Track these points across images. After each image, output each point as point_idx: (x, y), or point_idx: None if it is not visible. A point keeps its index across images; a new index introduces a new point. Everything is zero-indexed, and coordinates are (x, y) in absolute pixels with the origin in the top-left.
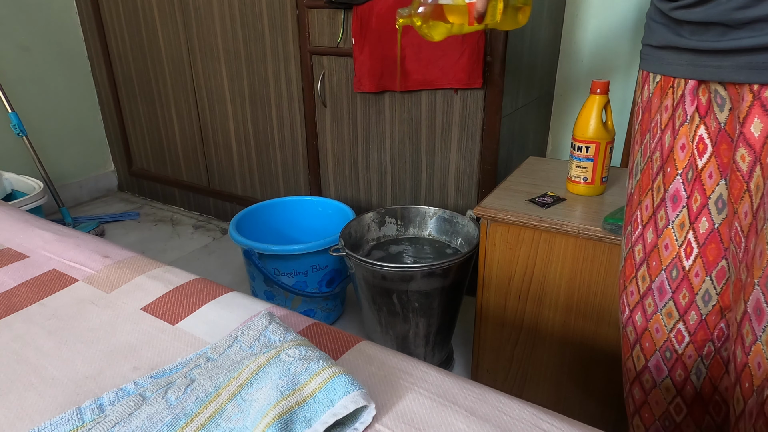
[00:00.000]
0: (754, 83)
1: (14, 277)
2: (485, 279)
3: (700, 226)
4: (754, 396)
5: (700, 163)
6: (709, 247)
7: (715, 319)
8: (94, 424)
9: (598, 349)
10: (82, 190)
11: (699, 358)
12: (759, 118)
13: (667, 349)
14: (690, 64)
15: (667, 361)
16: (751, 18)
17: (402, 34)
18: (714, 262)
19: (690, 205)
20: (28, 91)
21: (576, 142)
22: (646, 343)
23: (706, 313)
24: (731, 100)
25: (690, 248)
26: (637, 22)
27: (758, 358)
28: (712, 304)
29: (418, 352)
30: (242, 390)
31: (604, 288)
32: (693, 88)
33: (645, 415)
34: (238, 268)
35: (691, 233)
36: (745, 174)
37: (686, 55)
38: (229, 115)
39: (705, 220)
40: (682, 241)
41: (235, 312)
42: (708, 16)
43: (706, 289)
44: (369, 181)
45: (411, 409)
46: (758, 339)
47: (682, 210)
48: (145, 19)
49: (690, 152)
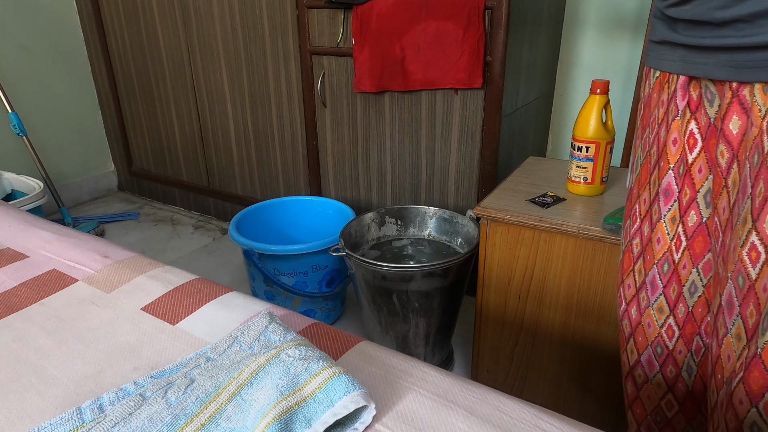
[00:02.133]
0: (734, 81)
1: (14, 277)
2: (485, 279)
3: (688, 219)
4: (724, 387)
5: (690, 158)
6: (697, 240)
7: (701, 312)
8: (94, 424)
9: (598, 349)
10: (82, 190)
11: (689, 354)
12: (737, 116)
13: (659, 344)
14: (681, 59)
15: (658, 356)
16: (730, 18)
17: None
18: (701, 254)
19: (681, 199)
20: (28, 91)
21: (576, 142)
22: (639, 338)
23: (692, 305)
24: (719, 96)
25: (679, 241)
26: (637, 22)
27: (728, 351)
28: (697, 295)
29: (418, 352)
30: (242, 390)
31: (604, 288)
32: (684, 84)
33: (637, 410)
34: (238, 268)
35: (681, 227)
36: (724, 170)
37: (679, 50)
38: (229, 115)
39: (693, 214)
40: (673, 235)
41: (235, 312)
42: (695, 14)
43: (692, 280)
44: (369, 181)
45: (411, 409)
46: (728, 332)
47: (674, 204)
48: (145, 19)
49: (681, 147)
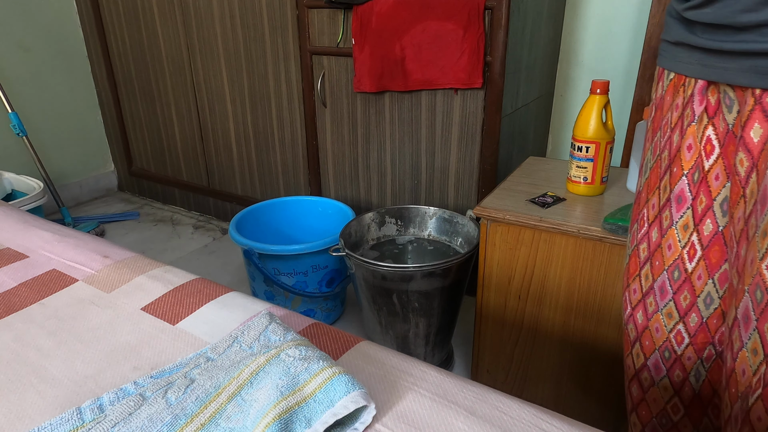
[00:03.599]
0: (757, 87)
1: (14, 277)
2: (485, 279)
3: (704, 228)
4: (738, 402)
5: (707, 165)
6: (713, 250)
7: (716, 323)
8: (94, 424)
9: (598, 349)
10: (82, 190)
11: (699, 361)
12: (759, 124)
13: (666, 348)
14: (699, 63)
15: (665, 360)
16: (756, 22)
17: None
18: (717, 264)
19: (695, 206)
20: (28, 91)
21: (576, 142)
22: (645, 342)
23: (707, 316)
24: (738, 102)
25: (693, 250)
26: (637, 22)
27: (743, 365)
28: (713, 307)
29: (418, 352)
30: (242, 390)
31: (604, 288)
32: (702, 88)
33: (642, 413)
34: (238, 268)
35: (695, 235)
36: (743, 179)
37: (697, 53)
38: (229, 115)
39: (709, 222)
40: (685, 242)
41: (235, 312)
42: (716, 17)
43: (708, 291)
44: (369, 181)
45: (411, 409)
46: (744, 346)
47: (687, 211)
48: (145, 19)
49: (697, 153)
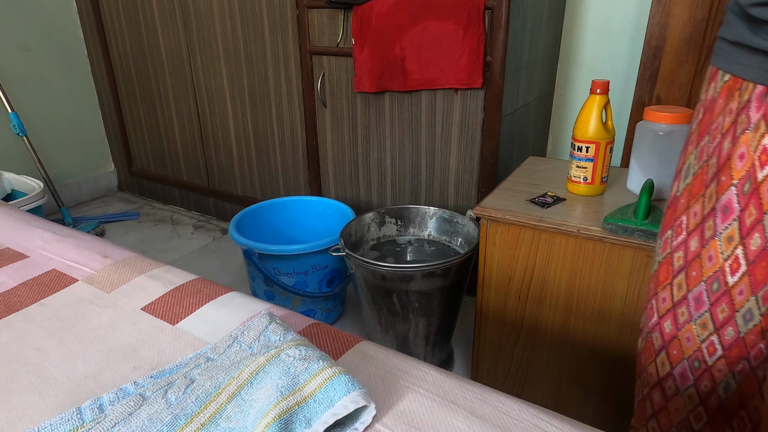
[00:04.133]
0: None
1: (14, 277)
2: (485, 279)
3: (751, 243)
4: None
5: (761, 176)
6: (759, 266)
7: (754, 339)
8: (94, 424)
9: (598, 349)
10: (82, 190)
11: (730, 374)
12: None
13: (696, 359)
14: (760, 67)
15: (694, 370)
16: None
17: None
18: (763, 281)
19: (743, 218)
20: (28, 91)
21: (576, 142)
22: (673, 351)
23: (745, 332)
24: None
25: (737, 264)
26: (637, 22)
27: None
28: (753, 323)
29: (418, 352)
30: (242, 390)
31: (604, 288)
32: (761, 94)
33: (663, 420)
34: (238, 268)
35: (740, 249)
36: None
37: (757, 56)
38: (229, 115)
39: (758, 237)
40: (728, 255)
41: (235, 312)
42: None
43: (749, 308)
44: (369, 181)
45: (411, 409)
46: None
47: (732, 223)
48: (145, 19)
49: (750, 163)
